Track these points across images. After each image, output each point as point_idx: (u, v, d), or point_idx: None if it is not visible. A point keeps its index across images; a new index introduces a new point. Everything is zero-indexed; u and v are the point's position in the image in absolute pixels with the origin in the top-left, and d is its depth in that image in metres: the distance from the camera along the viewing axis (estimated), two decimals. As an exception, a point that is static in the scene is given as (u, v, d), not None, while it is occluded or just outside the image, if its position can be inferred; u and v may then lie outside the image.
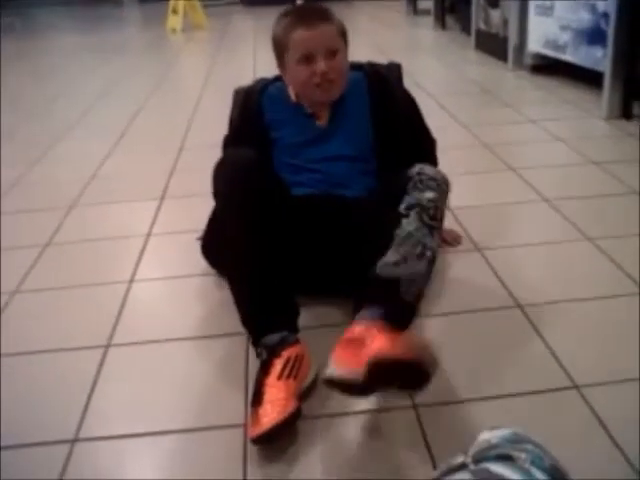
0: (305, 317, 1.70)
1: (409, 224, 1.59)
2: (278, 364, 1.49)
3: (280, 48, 1.86)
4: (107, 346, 1.82)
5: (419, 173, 1.68)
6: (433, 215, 1.62)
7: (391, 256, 1.56)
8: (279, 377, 1.46)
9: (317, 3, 1.96)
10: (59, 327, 1.94)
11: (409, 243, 1.57)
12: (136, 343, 1.84)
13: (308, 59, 1.80)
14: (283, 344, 1.53)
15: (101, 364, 1.74)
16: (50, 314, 2.03)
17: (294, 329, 1.61)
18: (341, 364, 1.37)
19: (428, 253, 1.59)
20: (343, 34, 1.88)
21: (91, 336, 1.87)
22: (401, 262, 1.55)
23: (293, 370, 1.49)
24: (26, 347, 1.84)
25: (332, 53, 1.81)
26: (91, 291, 2.13)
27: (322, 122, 1.94)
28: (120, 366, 1.75)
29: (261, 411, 1.40)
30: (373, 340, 1.36)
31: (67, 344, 1.85)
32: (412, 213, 1.60)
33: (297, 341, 1.57)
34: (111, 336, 1.86)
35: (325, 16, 1.85)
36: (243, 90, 2.07)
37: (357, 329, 1.44)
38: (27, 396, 1.65)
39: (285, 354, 1.51)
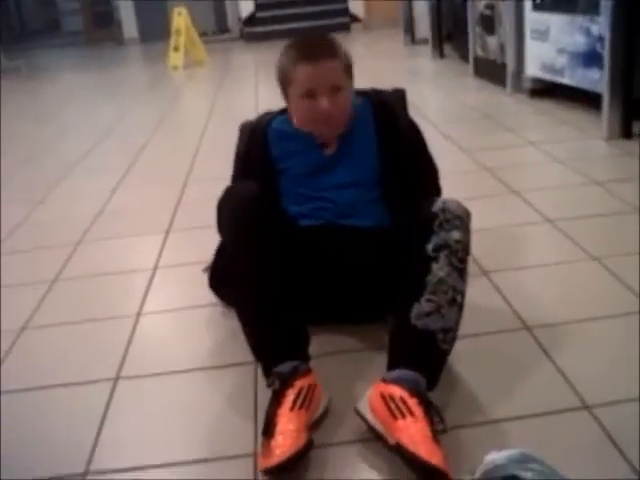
0: (316, 345, 1.70)
1: (440, 269, 1.56)
2: (291, 394, 1.48)
3: (284, 80, 1.86)
4: (116, 379, 1.82)
5: (443, 210, 1.63)
6: (461, 257, 1.60)
7: (425, 305, 1.54)
8: (291, 408, 1.45)
9: (325, 36, 1.94)
10: (68, 362, 1.95)
11: (441, 289, 1.55)
12: (145, 376, 1.84)
13: (311, 95, 1.80)
14: (295, 374, 1.52)
15: (110, 397, 1.74)
16: (59, 349, 2.03)
17: (305, 358, 1.61)
18: (376, 417, 1.43)
19: (459, 298, 1.57)
20: (348, 69, 1.86)
21: (100, 370, 1.87)
22: (435, 312, 1.53)
23: (305, 401, 1.48)
24: (36, 382, 1.85)
25: (336, 89, 1.80)
26: (99, 325, 2.14)
27: (330, 151, 1.93)
28: (129, 399, 1.75)
29: (273, 442, 1.39)
30: (407, 422, 1.37)
31: (76, 378, 1.85)
32: (441, 256, 1.57)
33: (309, 370, 1.57)
34: (120, 369, 1.87)
35: (331, 51, 1.83)
36: (249, 124, 2.07)
37: (396, 391, 1.43)
38: (38, 430, 1.64)
39: (297, 384, 1.50)
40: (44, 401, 1.77)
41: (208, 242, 2.03)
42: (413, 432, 1.35)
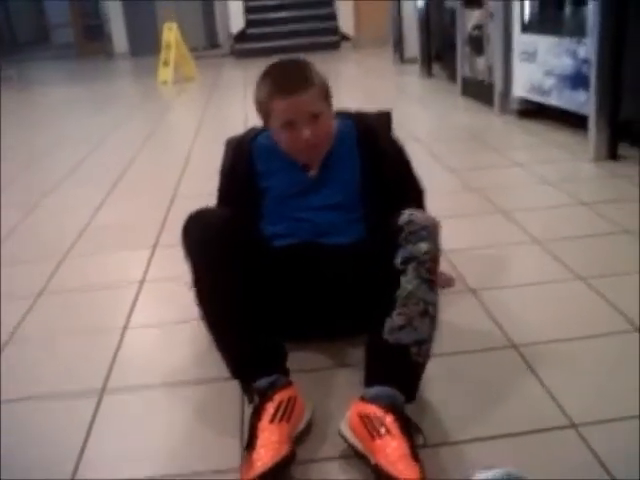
0: (293, 362, 1.69)
1: (408, 282, 1.56)
2: (270, 407, 1.48)
3: (263, 112, 1.87)
4: (102, 391, 1.81)
5: (409, 222, 1.63)
6: (430, 268, 1.59)
7: (396, 319, 1.54)
8: (272, 420, 1.45)
9: (298, 63, 1.92)
10: (53, 374, 1.93)
11: (411, 303, 1.55)
12: (131, 388, 1.83)
13: (291, 126, 1.81)
14: (274, 387, 1.53)
15: (96, 410, 1.73)
16: (44, 361, 2.02)
17: (284, 371, 1.62)
18: (356, 437, 1.44)
19: (430, 309, 1.57)
20: (326, 93, 1.86)
21: (86, 382, 1.86)
22: (407, 325, 1.53)
23: (286, 413, 1.48)
24: (20, 394, 1.84)
25: (314, 117, 1.80)
26: (85, 338, 2.13)
27: (313, 173, 1.95)
28: (115, 412, 1.74)
29: (255, 455, 1.39)
30: (385, 441, 1.37)
31: (62, 390, 1.84)
32: (409, 269, 1.57)
33: (289, 383, 1.57)
34: (106, 382, 1.86)
35: (305, 81, 1.81)
36: (234, 140, 2.08)
37: (371, 410, 1.44)
38: (23, 441, 1.63)
39: (277, 397, 1.50)
40: (29, 413, 1.75)
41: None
42: (389, 451, 1.35)
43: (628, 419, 1.52)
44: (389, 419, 1.40)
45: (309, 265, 1.85)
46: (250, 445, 1.43)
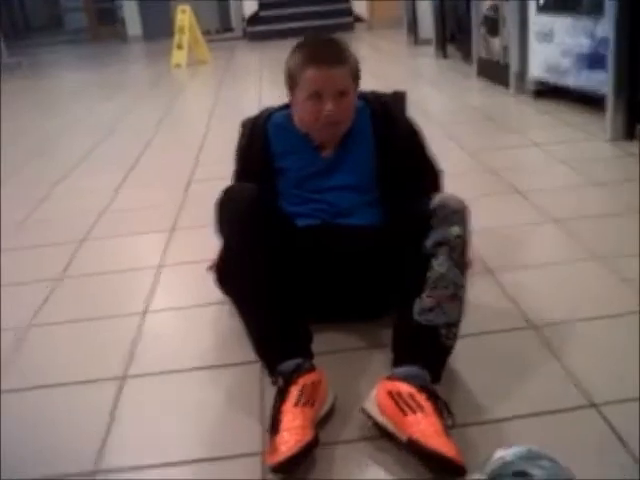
0: (319, 344, 1.71)
1: (440, 265, 1.57)
2: (295, 391, 1.49)
3: (291, 81, 1.88)
4: (123, 378, 1.83)
5: (442, 206, 1.64)
6: (461, 252, 1.61)
7: (426, 301, 1.55)
8: (296, 404, 1.46)
9: (334, 39, 1.94)
10: (74, 360, 1.96)
11: (441, 285, 1.56)
12: (152, 374, 1.85)
13: (317, 97, 1.81)
14: (299, 371, 1.54)
15: (118, 396, 1.75)
16: (64, 347, 2.04)
17: (309, 355, 1.62)
18: (385, 414, 1.44)
19: (460, 292, 1.59)
20: (356, 74, 1.88)
21: (107, 368, 1.88)
22: (436, 307, 1.55)
23: (310, 397, 1.49)
24: (42, 381, 1.85)
25: (341, 94, 1.82)
26: (105, 324, 2.15)
27: (327, 154, 1.95)
28: (137, 397, 1.76)
29: (279, 439, 1.40)
30: (418, 417, 1.39)
31: (83, 377, 1.86)
32: (441, 251, 1.58)
33: (313, 368, 1.58)
34: (127, 368, 1.87)
35: (340, 56, 1.84)
36: (249, 121, 2.08)
37: (403, 388, 1.45)
38: (46, 429, 1.65)
39: (301, 381, 1.51)
40: (51, 400, 1.77)
41: (213, 240, 2.03)
42: (424, 427, 1.36)
43: (647, 398, 1.52)
44: (422, 397, 1.42)
45: (332, 246, 1.85)
46: (273, 428, 1.44)
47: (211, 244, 2.05)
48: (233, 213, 1.73)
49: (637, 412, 1.48)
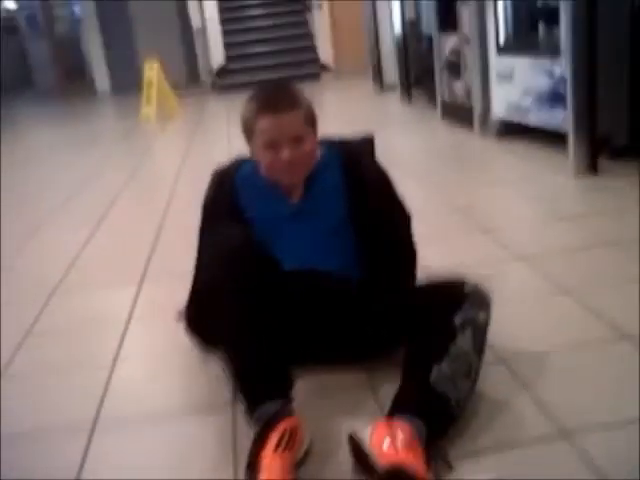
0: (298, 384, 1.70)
1: (465, 343, 1.60)
2: (274, 437, 1.48)
3: (247, 132, 1.88)
4: (93, 427, 1.80)
5: (476, 291, 1.71)
6: (483, 339, 1.65)
7: (445, 371, 1.56)
8: (275, 449, 1.45)
9: (287, 86, 1.95)
10: (44, 410, 1.93)
11: (460, 360, 1.58)
12: (122, 422, 1.83)
13: (273, 146, 1.81)
14: (278, 416, 1.53)
15: (88, 444, 1.72)
16: (35, 397, 2.01)
17: (289, 399, 1.63)
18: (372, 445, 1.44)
19: (473, 374, 1.61)
20: (311, 117, 1.87)
21: (77, 417, 1.86)
22: (451, 380, 1.56)
23: (289, 442, 1.48)
24: (12, 430, 1.82)
25: (297, 140, 1.82)
26: (75, 373, 2.12)
27: (295, 199, 1.95)
28: (107, 446, 1.73)
29: None
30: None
31: (52, 425, 1.83)
32: (467, 330, 1.61)
33: (292, 412, 1.58)
34: (97, 416, 1.85)
35: (292, 103, 1.83)
36: (218, 173, 2.07)
37: (401, 429, 1.45)
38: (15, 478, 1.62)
39: (280, 427, 1.50)
40: (17, 451, 1.74)
41: (181, 290, 2.03)
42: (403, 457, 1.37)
43: (621, 425, 1.53)
44: (416, 442, 1.43)
45: (313, 293, 1.86)
46: (253, 470, 1.43)
47: (180, 294, 2.05)
48: (225, 251, 1.73)
49: (607, 441, 1.49)
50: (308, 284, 1.87)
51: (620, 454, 1.44)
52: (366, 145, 2.10)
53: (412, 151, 5.09)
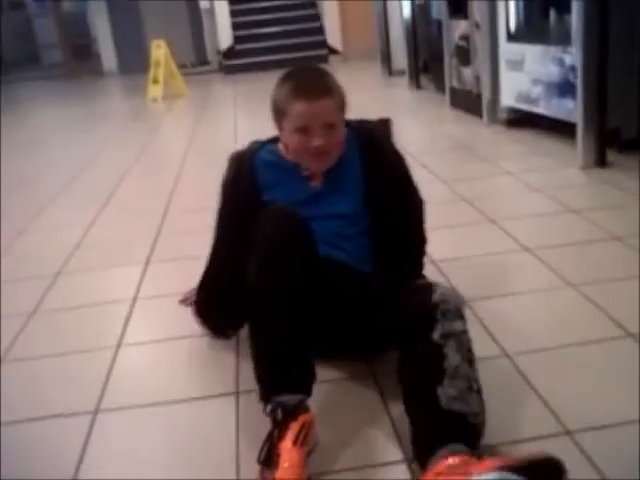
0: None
1: (453, 358, 1.52)
2: (295, 427, 1.46)
3: (279, 113, 1.86)
4: (95, 412, 1.80)
5: (443, 301, 1.59)
6: (468, 347, 1.57)
7: (450, 390, 1.48)
8: (294, 442, 1.44)
9: (321, 71, 1.93)
10: (46, 395, 1.93)
11: (459, 376, 1.51)
12: (124, 408, 1.82)
13: (305, 131, 1.80)
14: (300, 408, 1.51)
15: (90, 430, 1.73)
16: (37, 382, 2.01)
17: (309, 393, 1.59)
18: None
19: (474, 385, 1.53)
20: (342, 104, 1.87)
21: (79, 402, 1.86)
22: (458, 397, 1.48)
23: (306, 437, 1.47)
24: (13, 416, 1.82)
25: (329, 127, 1.81)
26: (78, 358, 2.12)
27: (316, 183, 1.93)
28: (109, 432, 1.73)
29: (277, 474, 1.40)
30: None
31: (54, 412, 1.83)
32: (450, 344, 1.53)
33: (309, 408, 1.55)
34: (99, 402, 1.85)
35: (326, 89, 1.82)
36: (236, 155, 2.04)
37: (456, 461, 1.37)
38: (16, 464, 1.62)
39: (301, 419, 1.48)
40: (22, 435, 1.74)
41: (188, 272, 2.02)
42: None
43: (622, 425, 1.53)
44: (473, 459, 1.38)
45: (328, 283, 1.80)
46: (270, 462, 1.42)
47: (185, 276, 2.04)
48: (282, 228, 1.69)
49: (611, 439, 1.49)
50: (339, 274, 1.83)
51: (621, 453, 1.44)
52: (383, 127, 2.08)
53: (419, 138, 5.06)
